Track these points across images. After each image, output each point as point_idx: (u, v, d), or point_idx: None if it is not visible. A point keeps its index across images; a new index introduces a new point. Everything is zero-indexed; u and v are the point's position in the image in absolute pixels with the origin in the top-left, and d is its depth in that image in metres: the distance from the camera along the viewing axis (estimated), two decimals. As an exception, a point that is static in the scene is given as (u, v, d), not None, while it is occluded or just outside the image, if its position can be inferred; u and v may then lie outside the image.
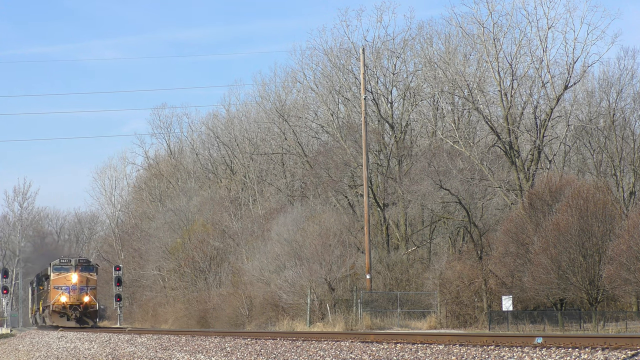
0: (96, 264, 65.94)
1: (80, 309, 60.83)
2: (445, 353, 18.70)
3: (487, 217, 54.85)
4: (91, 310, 61.50)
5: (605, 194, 47.40)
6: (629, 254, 41.15)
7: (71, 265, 61.65)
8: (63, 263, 62.20)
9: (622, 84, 59.25)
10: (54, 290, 60.94)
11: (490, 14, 54.98)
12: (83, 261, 63.49)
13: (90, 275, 61.82)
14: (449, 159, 53.58)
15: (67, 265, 61.65)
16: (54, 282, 61.12)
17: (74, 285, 60.76)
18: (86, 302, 60.99)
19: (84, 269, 61.88)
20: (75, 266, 61.48)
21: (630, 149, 58.49)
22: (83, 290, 61.15)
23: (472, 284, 49.88)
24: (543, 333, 33.39)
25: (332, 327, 46.08)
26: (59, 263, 62.30)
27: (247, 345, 25.13)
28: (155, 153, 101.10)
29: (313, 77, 69.40)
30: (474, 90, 55.73)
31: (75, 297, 60.83)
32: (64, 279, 60.87)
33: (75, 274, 60.93)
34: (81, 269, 61.63)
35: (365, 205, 53.62)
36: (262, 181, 74.13)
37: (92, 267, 62.94)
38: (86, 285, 61.18)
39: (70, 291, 60.71)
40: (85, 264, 62.81)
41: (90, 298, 61.25)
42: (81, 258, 65.93)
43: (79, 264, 62.13)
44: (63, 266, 61.69)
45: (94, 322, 61.60)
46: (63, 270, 61.38)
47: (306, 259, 52.11)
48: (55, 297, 60.76)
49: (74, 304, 60.68)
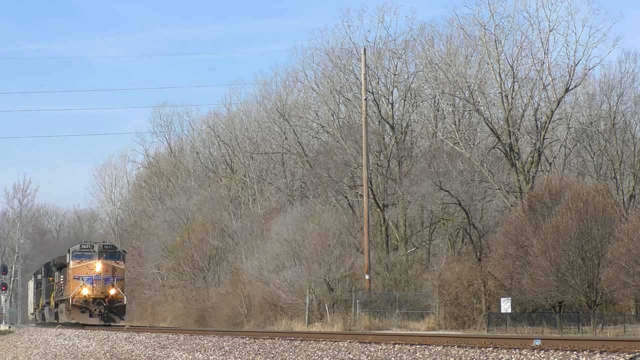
0: (123, 251, 55.39)
1: (105, 303, 51.61)
2: (443, 354, 18.70)
3: (487, 219, 54.87)
4: (118, 305, 52.10)
5: (605, 197, 47.41)
6: (628, 257, 41.15)
7: (94, 251, 52.26)
8: (84, 249, 52.48)
9: (623, 87, 59.25)
10: (73, 281, 51.56)
11: (491, 15, 55.05)
12: (108, 247, 53.78)
13: (116, 264, 52.48)
14: (449, 160, 53.58)
15: (90, 252, 52.26)
16: (74, 271, 51.72)
17: (98, 275, 51.58)
18: (112, 295, 51.68)
19: (110, 256, 52.57)
20: (99, 253, 52.17)
21: (630, 152, 58.49)
22: (108, 281, 51.87)
23: (471, 285, 49.89)
24: (541, 335, 33.37)
25: (330, 327, 46.09)
26: (79, 249, 52.54)
27: (246, 344, 25.14)
28: (155, 151, 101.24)
29: (314, 77, 69.51)
30: (475, 91, 55.73)
31: (99, 290, 51.54)
32: (86, 267, 51.69)
33: (99, 262, 51.62)
34: (106, 256, 52.33)
35: (365, 206, 53.62)
36: (262, 180, 74.14)
37: (118, 254, 53.34)
38: (112, 275, 52.05)
39: (93, 282, 51.55)
40: (111, 250, 53.22)
41: (117, 290, 51.86)
42: (106, 243, 55.38)
43: (104, 250, 52.69)
44: (84, 253, 52.20)
45: (121, 319, 52.70)
46: (85, 257, 52.04)
47: (305, 258, 52.14)
48: (75, 289, 51.28)
49: (97, 297, 51.45)
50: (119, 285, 52.05)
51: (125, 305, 52.58)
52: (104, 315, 51.42)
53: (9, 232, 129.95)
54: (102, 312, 51.29)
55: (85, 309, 51.33)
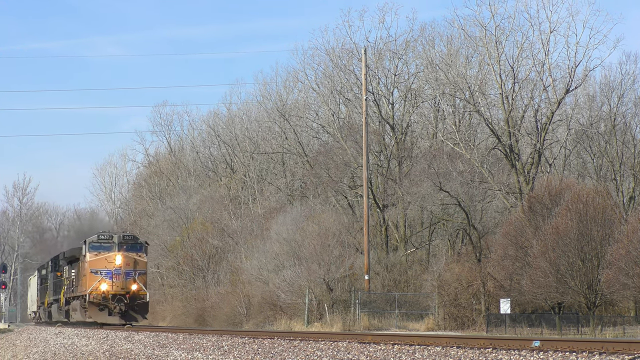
0: (145, 242, 50.15)
1: (126, 300, 46.71)
2: (442, 355, 18.71)
3: (487, 219, 54.91)
4: (140, 302, 47.29)
5: (605, 199, 47.43)
6: (628, 259, 41.18)
7: (113, 242, 47.42)
8: (103, 240, 47.58)
9: (623, 88, 59.30)
10: (90, 275, 46.70)
11: (492, 16, 55.09)
12: (129, 237, 48.63)
13: (138, 257, 47.66)
14: (449, 161, 53.61)
15: (108, 243, 47.43)
16: (91, 264, 46.90)
17: (118, 269, 46.72)
18: (134, 290, 46.82)
19: (130, 247, 47.69)
20: (119, 244, 47.34)
21: (630, 154, 58.52)
22: (129, 276, 47.02)
23: (471, 286, 49.92)
24: (541, 336, 33.39)
25: (329, 328, 46.10)
26: (96, 240, 47.69)
27: (245, 344, 25.14)
28: (155, 150, 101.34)
29: (314, 77, 69.55)
30: (475, 92, 55.76)
31: (119, 285, 46.71)
32: (105, 260, 46.84)
33: (119, 255, 46.82)
34: (127, 247, 47.48)
35: (365, 206, 53.64)
36: (262, 180, 74.17)
37: (140, 246, 48.43)
38: (133, 269, 47.17)
39: (113, 277, 46.65)
40: (132, 241, 48.20)
41: (139, 286, 47.05)
42: (126, 233, 50.15)
43: (124, 241, 47.79)
44: (102, 244, 47.43)
45: (143, 318, 47.97)
46: (103, 249, 47.30)
47: (305, 258, 52.18)
48: (92, 285, 46.46)
49: (118, 293, 46.62)
50: (141, 280, 47.32)
51: (148, 302, 47.82)
52: (125, 314, 46.75)
53: (9, 231, 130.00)
54: (122, 310, 46.59)
55: (103, 307, 46.61)
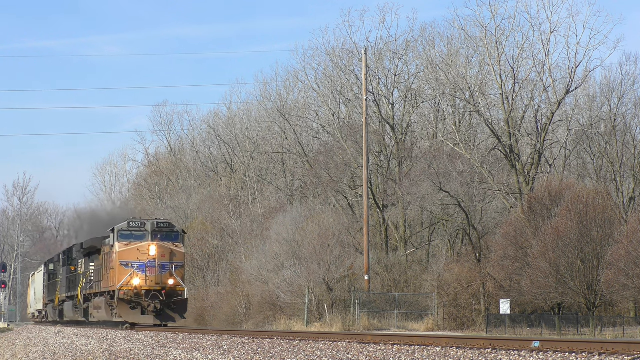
0: (182, 230, 43.72)
1: (161, 297, 40.65)
2: (442, 355, 18.70)
3: (487, 220, 54.92)
4: (178, 300, 41.20)
5: (605, 199, 47.45)
6: (628, 260, 41.20)
7: (146, 230, 41.42)
8: (134, 228, 41.58)
9: (623, 89, 59.28)
10: (120, 268, 40.71)
11: (492, 17, 55.09)
12: (164, 225, 42.18)
13: (175, 247, 41.60)
14: (449, 161, 53.63)
15: (140, 231, 41.46)
16: (121, 255, 40.92)
17: (152, 261, 40.75)
18: (170, 286, 40.80)
19: (166, 236, 41.62)
20: (153, 232, 41.36)
21: (630, 155, 58.52)
22: (165, 269, 40.94)
23: (470, 286, 49.93)
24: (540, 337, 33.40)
25: (329, 328, 46.09)
26: (127, 227, 41.61)
27: (244, 344, 25.14)
28: (155, 150, 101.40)
29: (315, 77, 69.60)
30: (476, 92, 55.77)
31: (154, 279, 40.73)
32: (137, 251, 40.88)
33: (153, 245, 40.85)
34: (161, 236, 41.42)
35: (365, 206, 53.64)
36: (262, 180, 74.19)
37: (177, 234, 42.26)
38: (170, 260, 41.09)
39: (146, 270, 40.68)
40: (168, 229, 41.99)
41: (177, 280, 40.98)
42: (160, 220, 43.21)
43: (159, 228, 41.67)
44: (134, 232, 41.48)
45: (182, 317, 42.08)
46: (134, 238, 41.33)
47: (305, 258, 52.17)
48: (123, 279, 40.53)
49: (152, 288, 40.58)
50: (179, 274, 41.28)
51: (187, 299, 41.84)
52: (160, 313, 40.74)
53: (9, 230, 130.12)
54: (157, 309, 40.54)
55: (136, 305, 40.69)
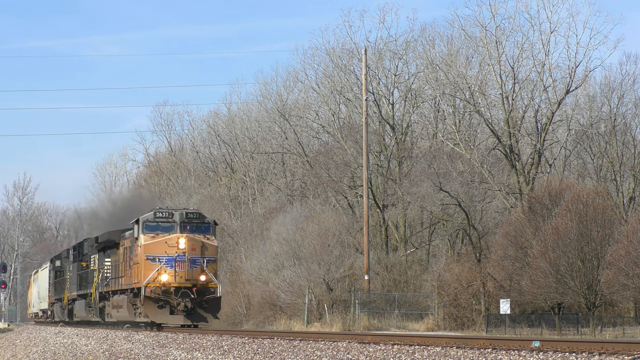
0: (214, 221, 39.50)
1: (192, 295, 36.95)
2: (442, 355, 18.70)
3: (487, 220, 54.93)
4: (211, 298, 37.46)
5: (605, 199, 47.47)
6: (628, 260, 41.22)
7: (174, 221, 37.57)
8: (160, 219, 37.68)
9: (623, 89, 59.32)
10: (146, 262, 37.04)
11: (492, 17, 55.09)
12: (194, 215, 38.31)
13: (206, 239, 37.82)
14: (449, 161, 53.64)
15: (168, 222, 37.58)
16: (147, 249, 37.20)
17: (182, 255, 36.96)
18: (202, 282, 37.10)
19: (196, 228, 37.87)
20: (182, 224, 37.58)
21: (630, 155, 58.54)
22: (196, 264, 37.19)
23: (470, 286, 49.95)
24: (540, 337, 33.40)
25: (329, 328, 46.09)
26: (152, 218, 37.70)
27: (244, 344, 25.13)
28: (155, 150, 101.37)
29: (315, 77, 69.61)
30: (476, 92, 55.77)
31: (184, 275, 36.92)
32: (164, 244, 37.09)
33: (183, 237, 37.03)
34: (191, 228, 37.69)
35: (365, 206, 53.65)
36: (262, 180, 74.19)
37: (208, 225, 38.41)
38: (201, 254, 37.30)
39: (175, 265, 36.92)
40: (198, 220, 38.20)
41: (209, 277, 37.25)
42: (190, 210, 39.40)
43: (188, 219, 37.85)
44: (160, 223, 37.64)
45: (215, 317, 38.48)
46: (161, 229, 37.55)
47: (305, 258, 52.17)
48: (149, 275, 36.79)
49: (182, 285, 36.90)
50: (211, 269, 37.57)
51: (220, 297, 37.96)
52: (191, 312, 37.17)
53: (9, 230, 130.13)
54: (188, 308, 36.95)
55: (164, 303, 37.01)
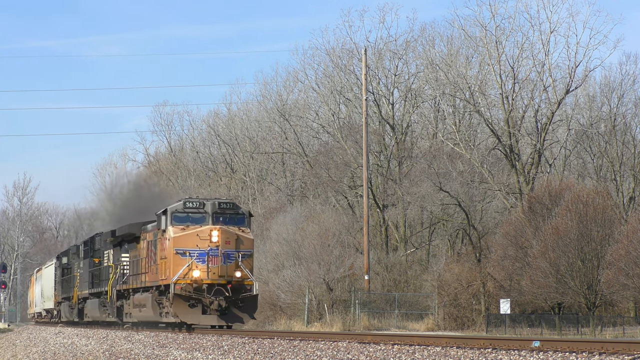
0: (249, 212, 35.90)
1: (227, 292, 33.58)
2: (442, 355, 18.70)
3: (487, 220, 54.94)
4: (247, 297, 34.22)
5: (605, 199, 47.48)
6: (628, 259, 41.22)
7: (206, 212, 33.94)
8: (190, 209, 34.05)
9: (623, 89, 59.30)
10: (175, 257, 33.47)
11: (492, 17, 55.11)
12: (227, 206, 34.58)
13: (241, 232, 34.23)
14: (449, 161, 53.65)
15: (199, 213, 33.96)
16: (176, 242, 33.58)
17: (215, 249, 33.40)
18: (237, 279, 33.74)
19: (230, 219, 34.20)
20: (214, 214, 33.93)
21: (630, 154, 58.54)
22: (231, 259, 33.71)
23: (470, 286, 49.95)
24: (540, 337, 33.39)
25: (329, 328, 46.09)
26: (182, 208, 34.04)
27: (245, 344, 25.13)
28: (155, 150, 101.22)
29: (315, 77, 69.64)
30: (476, 92, 55.78)
31: (217, 271, 33.48)
32: (196, 237, 33.49)
33: (215, 229, 33.40)
34: (224, 219, 34.05)
35: (365, 206, 53.65)
36: (262, 180, 74.20)
37: (242, 217, 34.76)
38: (236, 248, 33.79)
39: (208, 259, 33.42)
40: (232, 210, 34.47)
41: (244, 273, 33.89)
42: (222, 200, 35.73)
43: (220, 210, 34.15)
44: (190, 214, 34.01)
45: (251, 317, 35.16)
46: (191, 221, 33.95)
47: (305, 258, 52.17)
48: (179, 271, 33.24)
49: (215, 282, 33.45)
50: (247, 264, 34.13)
51: (257, 296, 34.91)
52: (225, 312, 33.75)
53: (9, 230, 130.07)
54: (222, 307, 33.51)
55: (196, 302, 33.51)
